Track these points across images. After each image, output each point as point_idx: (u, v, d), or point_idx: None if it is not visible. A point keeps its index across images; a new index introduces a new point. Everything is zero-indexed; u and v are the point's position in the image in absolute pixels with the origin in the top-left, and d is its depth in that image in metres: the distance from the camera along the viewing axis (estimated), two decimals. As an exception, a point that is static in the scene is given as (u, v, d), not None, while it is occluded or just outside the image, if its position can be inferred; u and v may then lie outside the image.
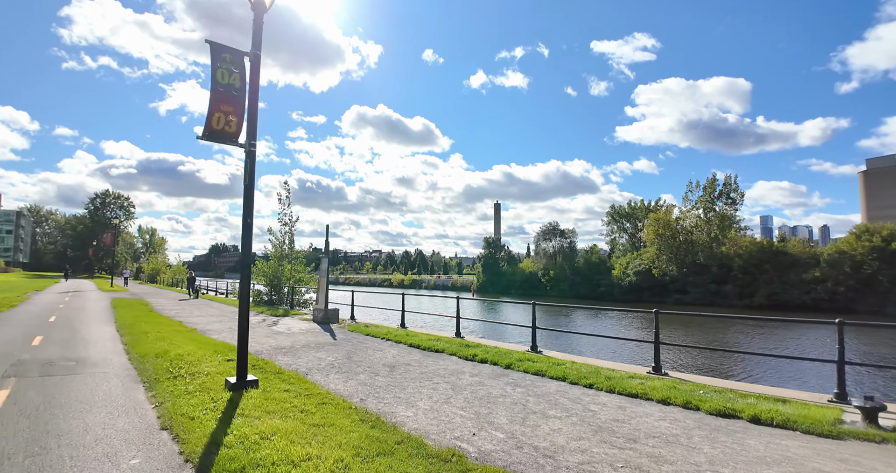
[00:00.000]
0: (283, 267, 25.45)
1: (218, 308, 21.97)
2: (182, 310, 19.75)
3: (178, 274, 51.47)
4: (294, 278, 25.41)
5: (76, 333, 12.21)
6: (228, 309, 20.82)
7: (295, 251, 25.81)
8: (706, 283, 60.18)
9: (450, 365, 8.80)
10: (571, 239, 75.50)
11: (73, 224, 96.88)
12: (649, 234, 63.93)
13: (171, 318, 16.00)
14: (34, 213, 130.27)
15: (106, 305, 21.43)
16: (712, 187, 61.89)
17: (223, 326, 14.36)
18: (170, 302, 25.17)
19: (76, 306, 20.60)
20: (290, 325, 14.95)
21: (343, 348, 10.69)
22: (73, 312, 17.70)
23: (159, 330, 12.52)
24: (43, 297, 26.12)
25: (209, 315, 18.03)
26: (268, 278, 25.44)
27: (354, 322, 16.67)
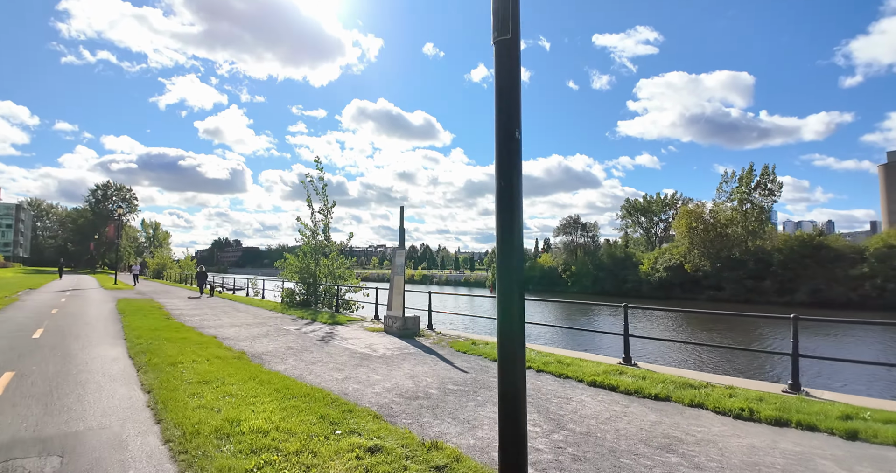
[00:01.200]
0: (318, 261, 21.15)
1: (246, 311, 17.65)
2: (206, 316, 15.42)
3: (187, 269, 47.11)
4: (332, 275, 21.09)
5: (67, 363, 7.86)
6: (262, 314, 16.51)
7: (333, 243, 21.47)
8: (742, 279, 56.13)
9: (757, 441, 4.50)
10: (594, 233, 71.29)
11: (73, 217, 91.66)
12: (680, 227, 59.72)
13: (199, 331, 11.65)
14: (34, 207, 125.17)
15: (110, 309, 17.06)
16: (749, 177, 57.65)
17: (277, 345, 10.04)
18: (184, 302, 20.82)
19: (73, 311, 16.22)
20: (364, 340, 10.65)
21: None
22: (69, 322, 13.32)
23: (193, 356, 8.19)
24: (35, 298, 21.70)
25: (244, 323, 13.71)
26: (301, 275, 21.13)
27: (436, 332, 12.40)
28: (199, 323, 13.59)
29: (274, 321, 14.59)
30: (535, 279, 76.06)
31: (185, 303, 20.33)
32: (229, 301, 22.71)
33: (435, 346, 10.30)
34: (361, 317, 16.14)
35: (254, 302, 21.64)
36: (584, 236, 71.67)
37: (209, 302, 21.66)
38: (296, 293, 21.20)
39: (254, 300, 23.61)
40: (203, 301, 22.19)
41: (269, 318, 15.31)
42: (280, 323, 13.98)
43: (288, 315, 16.65)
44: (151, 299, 22.00)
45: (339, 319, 14.99)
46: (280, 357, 8.71)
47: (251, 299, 24.12)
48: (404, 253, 12.90)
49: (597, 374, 7.62)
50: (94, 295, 24.67)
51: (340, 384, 6.77)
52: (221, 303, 20.84)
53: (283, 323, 14.21)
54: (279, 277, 22.94)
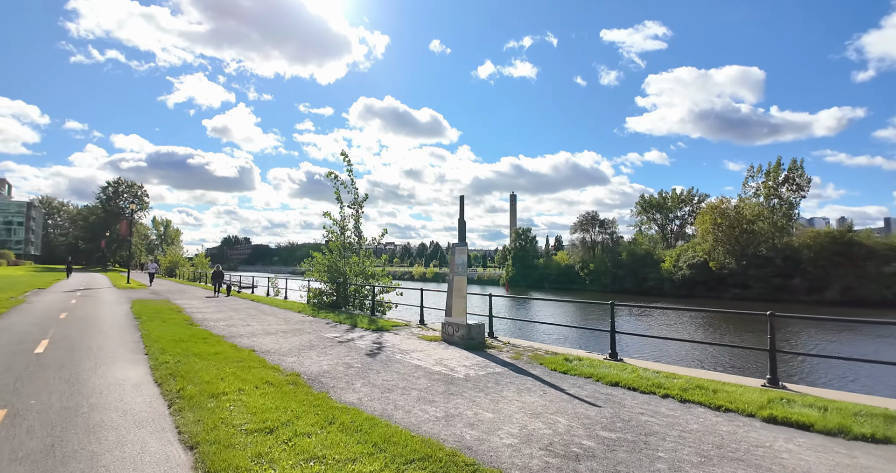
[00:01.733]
0: (348, 259, 19.32)
1: (273, 313, 15.83)
2: (233, 321, 13.59)
3: (200, 266, 45.49)
4: (364, 274, 19.24)
5: (76, 394, 6.00)
6: (293, 318, 14.68)
7: (364, 239, 19.61)
8: (770, 277, 53.93)
9: None
10: (613, 230, 69.13)
11: (84, 215, 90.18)
12: (705, 224, 57.50)
13: (232, 342, 9.80)
14: (46, 205, 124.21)
15: (125, 312, 15.27)
16: (776, 172, 55.34)
17: (331, 360, 8.17)
18: (204, 304, 19.03)
19: (84, 315, 14.43)
20: (429, 353, 8.75)
21: (687, 443, 4.44)
22: (79, 329, 11.50)
23: (237, 381, 6.33)
24: (44, 299, 19.96)
25: (278, 330, 11.88)
26: (330, 274, 19.31)
27: (503, 341, 10.49)
28: (228, 330, 11.76)
29: (310, 326, 12.74)
30: (552, 277, 74.06)
31: (205, 305, 18.53)
32: (250, 301, 20.91)
33: (518, 362, 8.41)
34: (405, 322, 14.27)
35: (277, 303, 19.81)
36: (601, 233, 69.51)
37: (230, 303, 19.86)
38: (324, 293, 19.37)
39: (276, 300, 21.79)
40: (222, 301, 20.40)
41: (302, 323, 13.48)
42: (318, 330, 12.13)
43: (321, 318, 14.83)
44: (168, 300, 20.22)
45: (381, 324, 13.12)
46: (343, 380, 6.84)
47: (273, 299, 22.30)
48: (466, 250, 11.01)
49: (762, 405, 5.74)
50: (106, 295, 22.94)
51: (447, 427, 4.89)
52: (244, 305, 19.03)
53: (320, 328, 12.36)
54: (305, 276, 21.10)
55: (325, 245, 20.16)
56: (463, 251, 10.92)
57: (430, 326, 13.32)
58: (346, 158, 19.24)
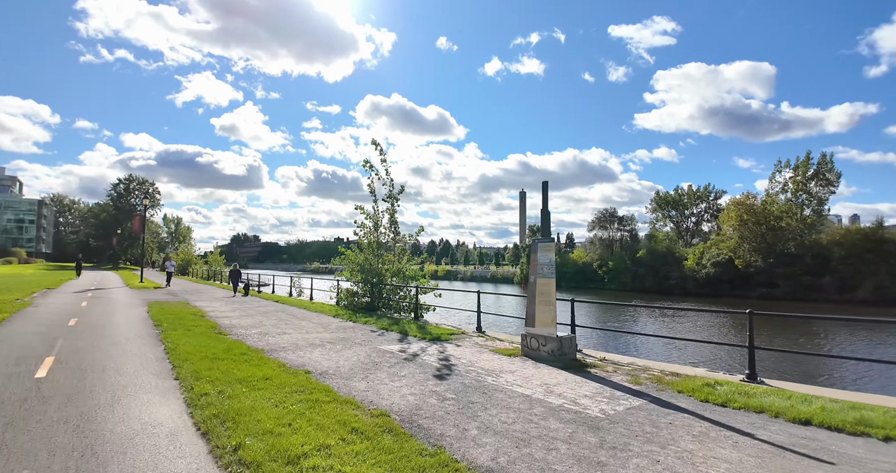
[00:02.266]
0: (382, 258, 17.51)
1: (306, 318, 14.02)
2: (266, 328, 11.76)
3: (215, 265, 43.83)
4: (401, 274, 17.41)
5: (88, 453, 4.15)
6: (331, 324, 12.86)
7: (403, 236, 17.78)
8: (798, 275, 51.67)
9: None
10: (632, 227, 66.97)
11: (95, 212, 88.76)
12: (730, 220, 55.33)
13: (278, 360, 7.95)
14: (57, 203, 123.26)
15: (142, 318, 13.48)
16: (805, 166, 53.07)
17: (413, 388, 6.30)
18: (226, 306, 17.26)
19: (96, 321, 12.63)
20: (525, 376, 6.85)
21: None
22: (90, 342, 9.67)
23: (313, 430, 4.47)
24: (52, 301, 18.23)
25: (325, 341, 10.03)
26: (363, 274, 17.49)
27: (598, 357, 8.60)
28: (265, 340, 9.93)
29: (356, 335, 10.90)
30: (568, 275, 71.97)
31: (228, 307, 16.74)
32: (274, 302, 19.11)
33: (645, 389, 6.53)
34: (458, 329, 12.41)
35: (305, 305, 18.00)
36: (620, 230, 67.39)
37: (254, 304, 18.06)
38: (356, 294, 17.54)
39: (302, 301, 19.98)
40: (245, 303, 18.61)
41: (345, 330, 11.64)
42: (368, 339, 10.29)
43: (361, 324, 13.01)
44: (186, 302, 18.44)
45: (434, 332, 11.29)
46: (450, 422, 4.97)
47: (299, 300, 20.48)
48: (552, 248, 9.11)
49: None
50: (119, 295, 21.20)
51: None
52: (270, 307, 17.22)
53: (369, 338, 10.52)
54: (336, 276, 19.30)
55: (353, 243, 18.44)
56: (549, 248, 9.03)
57: (491, 335, 11.45)
58: (377, 147, 17.37)
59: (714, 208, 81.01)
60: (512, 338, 10.94)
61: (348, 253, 18.10)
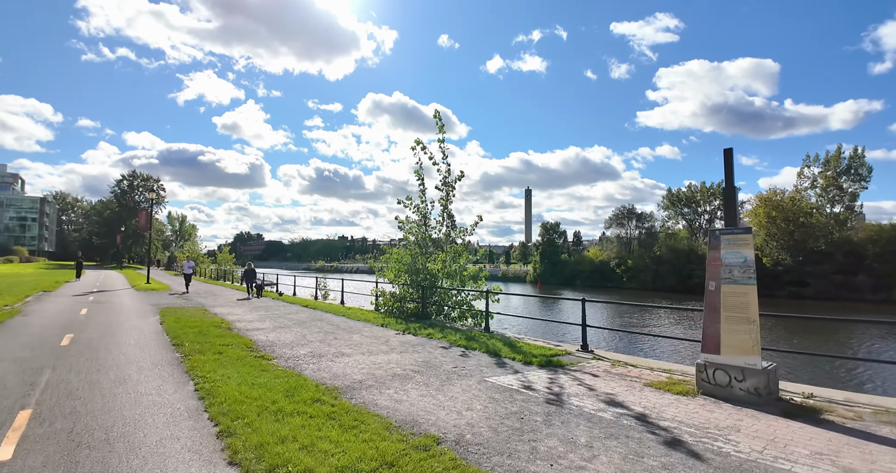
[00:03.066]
0: (434, 256, 14.82)
1: (351, 328, 11.28)
2: (312, 345, 8.99)
3: (224, 263, 41.05)
4: (459, 277, 14.69)
5: None
6: (383, 335, 10.16)
7: (460, 230, 15.07)
8: (829, 274, 49.00)
9: None
10: (651, 224, 64.14)
11: (98, 209, 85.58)
12: (758, 217, 52.60)
13: (366, 408, 5.17)
14: (60, 201, 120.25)
15: (155, 332, 10.69)
16: (837, 160, 50.36)
17: (609, 469, 3.55)
18: (248, 312, 14.51)
19: (96, 339, 9.82)
20: (741, 428, 4.01)
21: None
22: (87, 375, 6.86)
23: None
24: (46, 308, 15.45)
25: (398, 366, 7.25)
26: (412, 275, 14.78)
27: (805, 395, 5.84)
28: (326, 369, 7.17)
29: (436, 356, 8.20)
30: (584, 274, 69.25)
31: (254, 315, 13.96)
32: (302, 307, 16.36)
33: None
34: (558, 347, 9.65)
35: (339, 311, 15.23)
36: (639, 227, 64.62)
37: (281, 310, 15.27)
38: (404, 299, 14.79)
39: (332, 305, 17.21)
40: (270, 308, 15.85)
41: (414, 348, 8.94)
42: (463, 367, 7.53)
43: (424, 337, 10.36)
44: (203, 308, 15.68)
45: (533, 352, 8.61)
46: None
47: (328, 305, 17.69)
48: (750, 242, 6.41)
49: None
50: (125, 299, 18.43)
51: None
52: (303, 314, 14.44)
53: (460, 363, 7.77)
54: (378, 276, 16.56)
55: (399, 242, 15.69)
56: (743, 242, 6.33)
57: (612, 357, 8.69)
58: (438, 121, 14.60)
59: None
60: (647, 363, 8.18)
61: (394, 252, 15.38)
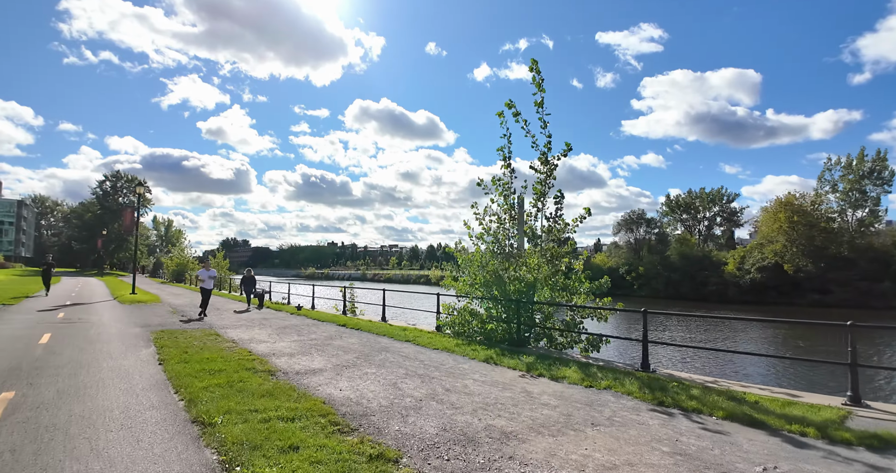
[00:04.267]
0: (523, 261, 10.94)
1: (432, 361, 7.28)
2: (428, 406, 4.97)
3: (219, 270, 36.42)
4: (565, 288, 10.82)
5: None
6: (492, 376, 6.21)
7: (565, 226, 11.15)
8: (854, 281, 46.23)
9: None
10: (661, 230, 61.00)
11: (79, 212, 78.96)
12: (778, 222, 49.72)
13: None
14: (39, 204, 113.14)
15: (151, 382, 6.55)
16: (860, 164, 47.81)
17: None
18: (272, 334, 10.38)
19: (52, 402, 5.68)
20: None
21: None
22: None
23: None
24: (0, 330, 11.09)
25: (569, 445, 3.29)
26: (500, 286, 10.84)
27: None
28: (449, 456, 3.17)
29: (665, 435, 4.19)
30: (591, 280, 65.79)
31: (288, 343, 9.82)
32: (339, 326, 12.27)
33: None
34: (810, 402, 5.75)
35: (395, 334, 11.17)
36: (648, 233, 61.45)
37: (327, 337, 11.12)
38: (490, 319, 10.80)
39: (374, 324, 13.08)
40: (301, 330, 11.69)
41: (577, 408, 4.93)
42: (719, 464, 3.55)
43: (575, 385, 6.58)
44: (213, 331, 11.47)
45: (774, 409, 4.61)
46: None
47: (369, 323, 13.51)
48: None
49: None
50: (105, 317, 14.07)
51: None
52: (353, 340, 10.33)
53: (734, 454, 3.77)
54: (443, 285, 12.55)
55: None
56: None
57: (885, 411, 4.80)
58: (535, 75, 10.64)
59: (727, 211, 76.01)
60: None
61: (471, 257, 11.42)
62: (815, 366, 15.92)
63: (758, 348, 22.12)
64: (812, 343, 22.52)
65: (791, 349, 22.07)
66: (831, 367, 14.79)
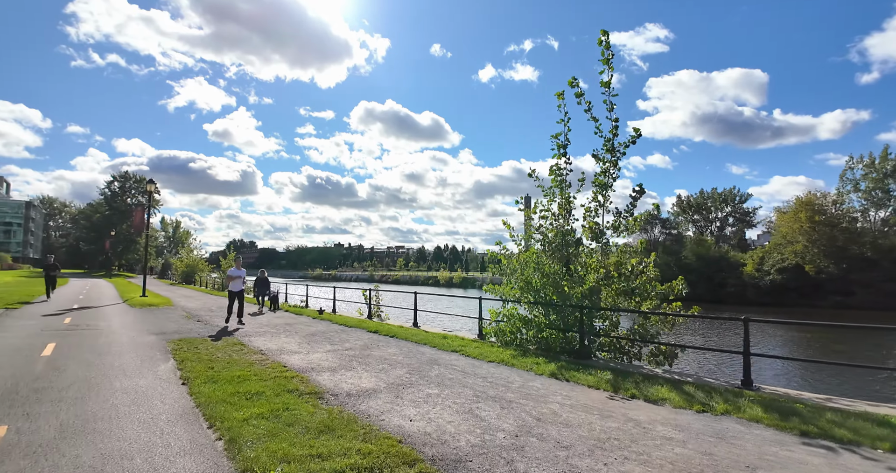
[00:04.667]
0: (581, 262, 9.74)
1: (497, 379, 5.96)
2: (528, 447, 3.72)
3: (230, 272, 35.26)
4: (635, 295, 9.63)
5: None
6: (600, 404, 4.82)
7: (637, 218, 9.95)
8: (878, 282, 44.68)
9: None
10: (678, 230, 59.48)
11: (87, 213, 77.92)
12: (799, 222, 48.22)
13: None
14: (47, 206, 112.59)
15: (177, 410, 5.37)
16: (883, 162, 46.31)
17: None
18: (303, 344, 9.14)
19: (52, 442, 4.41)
20: None
21: None
22: None
23: None
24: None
25: None
26: (558, 289, 9.59)
27: None
28: None
29: None
30: (604, 281, 64.36)
31: (322, 354, 8.58)
32: (371, 333, 11.04)
33: None
34: None
35: (435, 342, 9.94)
36: (663, 233, 59.97)
37: (363, 346, 9.89)
38: (550, 326, 9.56)
39: (409, 330, 11.83)
40: (331, 337, 10.46)
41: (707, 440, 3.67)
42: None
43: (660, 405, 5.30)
44: (239, 342, 10.27)
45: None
46: None
47: (402, 329, 12.25)
48: None
49: None
50: (115, 323, 12.89)
51: None
52: (393, 350, 9.09)
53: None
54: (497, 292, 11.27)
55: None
56: None
57: None
58: (604, 50, 9.42)
59: (740, 212, 74.53)
60: None
61: (525, 257, 10.16)
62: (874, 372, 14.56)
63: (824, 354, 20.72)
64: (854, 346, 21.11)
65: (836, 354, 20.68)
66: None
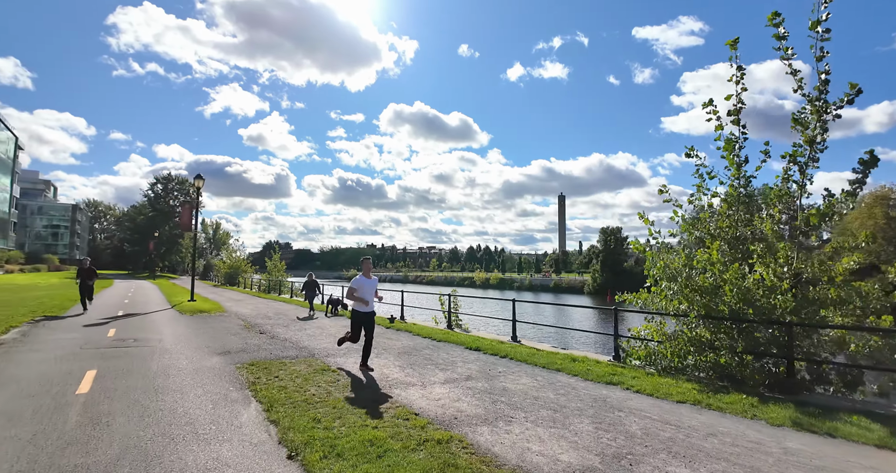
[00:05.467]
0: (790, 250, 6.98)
1: (723, 435, 3.30)
2: None
3: (275, 273, 33.67)
4: (847, 306, 6.83)
5: None
6: None
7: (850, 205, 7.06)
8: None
9: None
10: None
11: (131, 215, 78.29)
12: (874, 218, 43.82)
13: None
14: (92, 209, 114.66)
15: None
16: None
17: None
18: (406, 367, 6.72)
19: None
20: None
21: None
22: None
23: None
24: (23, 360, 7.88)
25: None
26: (755, 301, 6.87)
27: None
28: None
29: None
30: (651, 283, 60.82)
31: (446, 389, 6.18)
32: (471, 350, 8.63)
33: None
34: None
35: (556, 364, 7.46)
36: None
37: (475, 372, 7.44)
38: (714, 347, 6.95)
39: (512, 346, 9.31)
40: (429, 357, 8.05)
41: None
42: None
43: None
44: (325, 364, 7.99)
45: None
46: None
47: (510, 346, 9.74)
48: None
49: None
50: (167, 337, 10.82)
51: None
52: (527, 382, 6.62)
53: None
54: (657, 302, 8.71)
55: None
56: None
57: None
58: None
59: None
60: None
61: (704, 255, 7.63)
62: None
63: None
64: None
65: None
66: None
